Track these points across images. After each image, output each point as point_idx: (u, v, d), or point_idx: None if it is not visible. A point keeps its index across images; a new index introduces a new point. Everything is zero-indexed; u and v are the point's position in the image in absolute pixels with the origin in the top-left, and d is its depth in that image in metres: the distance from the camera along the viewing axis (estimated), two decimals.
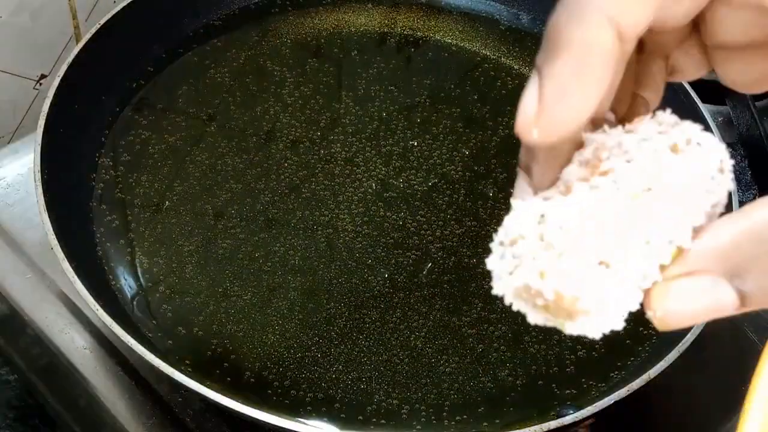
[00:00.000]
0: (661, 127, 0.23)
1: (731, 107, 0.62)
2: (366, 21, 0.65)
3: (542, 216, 0.22)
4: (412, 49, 0.63)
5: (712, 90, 0.63)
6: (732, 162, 0.23)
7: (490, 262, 0.23)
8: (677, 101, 0.54)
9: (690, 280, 0.21)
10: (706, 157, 0.22)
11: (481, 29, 0.65)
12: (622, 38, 0.21)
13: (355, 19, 0.65)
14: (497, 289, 0.23)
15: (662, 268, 0.22)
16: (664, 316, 0.22)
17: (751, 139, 0.58)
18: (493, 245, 0.23)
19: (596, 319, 0.22)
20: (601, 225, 0.21)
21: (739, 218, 0.21)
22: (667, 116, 0.24)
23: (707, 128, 0.28)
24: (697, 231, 0.22)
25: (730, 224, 0.21)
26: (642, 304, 0.22)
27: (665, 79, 0.27)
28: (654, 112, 0.24)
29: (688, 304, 0.21)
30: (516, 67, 0.63)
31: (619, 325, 0.22)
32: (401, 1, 0.66)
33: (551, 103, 0.21)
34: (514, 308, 0.23)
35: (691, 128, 0.23)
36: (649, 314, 0.22)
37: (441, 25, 0.65)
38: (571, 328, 0.22)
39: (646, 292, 0.22)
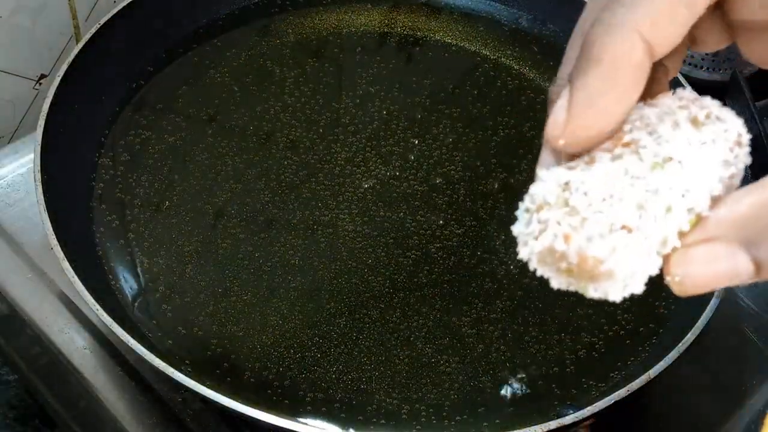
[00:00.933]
0: (682, 102, 0.24)
1: (731, 107, 0.62)
2: (366, 21, 0.65)
3: (566, 184, 0.23)
4: (413, 49, 0.63)
5: (712, 90, 0.63)
6: (750, 136, 0.24)
7: (515, 229, 0.24)
8: None
9: (708, 247, 0.22)
10: (724, 130, 0.23)
11: (481, 29, 0.65)
12: (652, 55, 0.22)
13: (355, 19, 0.65)
14: (522, 254, 0.24)
15: (681, 234, 0.23)
16: (682, 280, 0.22)
17: (751, 138, 0.58)
18: (518, 213, 0.24)
19: (618, 282, 0.23)
20: (623, 192, 0.22)
21: (757, 189, 0.21)
22: (687, 92, 0.25)
23: None
24: (715, 201, 0.23)
25: (749, 195, 0.22)
26: (662, 270, 0.23)
27: (687, 48, 0.27)
28: (674, 89, 0.25)
29: (706, 270, 0.22)
30: (516, 67, 0.63)
31: (640, 289, 0.23)
32: (401, 1, 0.66)
33: (578, 114, 0.23)
34: (539, 273, 0.24)
35: (710, 103, 0.24)
36: (668, 279, 0.23)
37: (441, 25, 0.65)
38: (593, 292, 0.23)
39: (666, 258, 0.23)
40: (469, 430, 0.44)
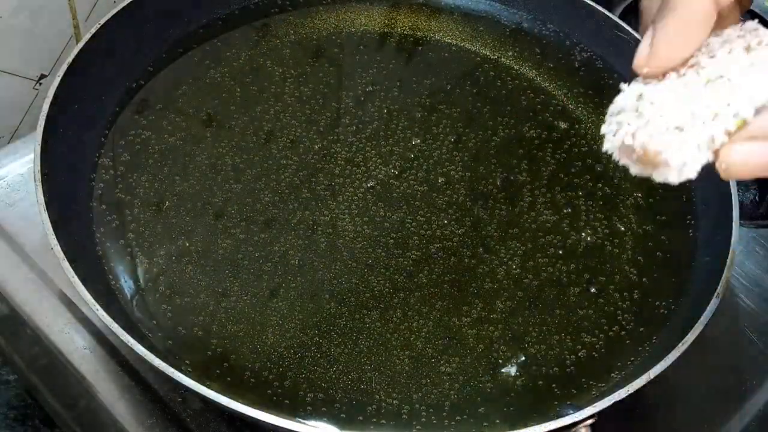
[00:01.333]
0: (742, 32, 0.31)
1: None
2: (366, 21, 0.65)
3: (640, 95, 0.31)
4: (413, 49, 0.63)
5: None
6: None
7: (603, 129, 0.31)
8: None
9: (749, 143, 0.28)
10: None
11: (481, 29, 0.65)
12: (718, 4, 0.29)
13: (355, 19, 0.65)
14: (605, 146, 0.31)
15: (729, 133, 0.29)
16: (728, 167, 0.29)
17: None
18: (606, 117, 0.32)
19: (674, 169, 0.29)
20: (681, 100, 0.30)
21: None
22: (750, 24, 0.31)
23: None
24: (759, 110, 0.29)
25: None
26: (714, 161, 0.30)
27: None
28: (743, 20, 0.32)
29: (745, 159, 0.29)
30: (516, 67, 0.63)
31: (693, 175, 0.30)
32: (401, 1, 0.66)
33: (658, 51, 0.30)
34: (621, 163, 0.31)
35: (764, 33, 0.31)
36: (717, 166, 0.29)
37: (441, 25, 0.65)
38: (657, 177, 0.30)
39: (716, 151, 0.29)
40: (469, 430, 0.44)
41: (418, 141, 0.57)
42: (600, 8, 0.62)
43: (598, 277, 0.51)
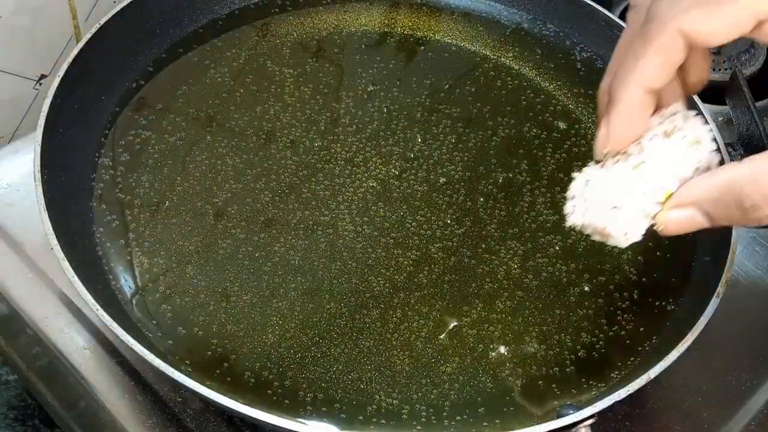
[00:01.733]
0: (661, 119, 0.37)
1: (731, 107, 0.62)
2: (366, 21, 0.65)
3: (587, 181, 0.38)
4: (413, 49, 0.63)
5: (712, 90, 0.63)
6: (710, 136, 0.36)
7: (565, 209, 0.38)
8: None
9: (675, 210, 0.36)
10: (684, 137, 0.36)
11: (481, 29, 0.65)
12: (654, 92, 0.36)
13: (355, 19, 0.65)
14: (568, 223, 0.38)
15: (660, 204, 0.36)
16: (663, 228, 0.36)
17: (751, 139, 0.58)
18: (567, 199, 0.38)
19: (619, 238, 0.37)
20: (616, 184, 0.37)
21: (708, 175, 0.35)
22: (670, 109, 0.37)
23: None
24: (683, 182, 0.35)
25: (702, 179, 0.35)
26: (651, 227, 0.36)
27: (707, 54, 0.39)
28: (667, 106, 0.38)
29: (675, 221, 0.36)
30: (516, 67, 0.63)
31: (637, 238, 0.37)
32: (401, 1, 0.66)
33: (613, 135, 0.37)
34: (585, 233, 0.38)
35: (679, 118, 0.37)
36: (656, 228, 0.36)
37: (441, 25, 0.65)
38: (611, 243, 0.37)
39: (654, 216, 0.36)
40: (469, 430, 0.44)
41: (418, 141, 0.57)
42: (600, 8, 0.62)
43: (598, 277, 0.51)
